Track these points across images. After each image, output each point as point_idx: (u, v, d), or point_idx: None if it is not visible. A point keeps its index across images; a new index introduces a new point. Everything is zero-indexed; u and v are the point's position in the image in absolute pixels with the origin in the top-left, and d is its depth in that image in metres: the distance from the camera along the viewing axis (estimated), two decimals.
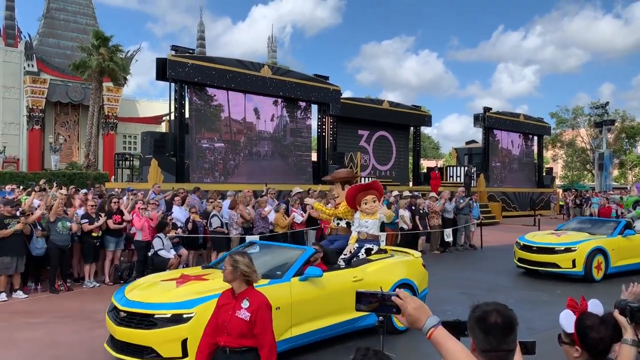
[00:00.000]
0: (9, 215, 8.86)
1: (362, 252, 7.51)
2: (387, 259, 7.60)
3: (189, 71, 18.64)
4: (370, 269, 7.16)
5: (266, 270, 6.24)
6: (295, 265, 6.38)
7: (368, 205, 7.56)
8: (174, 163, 18.42)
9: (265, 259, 6.89)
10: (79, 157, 34.18)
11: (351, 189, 7.80)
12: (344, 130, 26.23)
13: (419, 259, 8.02)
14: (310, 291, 6.26)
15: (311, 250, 6.73)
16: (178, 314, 5.31)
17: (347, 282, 6.70)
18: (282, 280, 6.12)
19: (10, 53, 33.02)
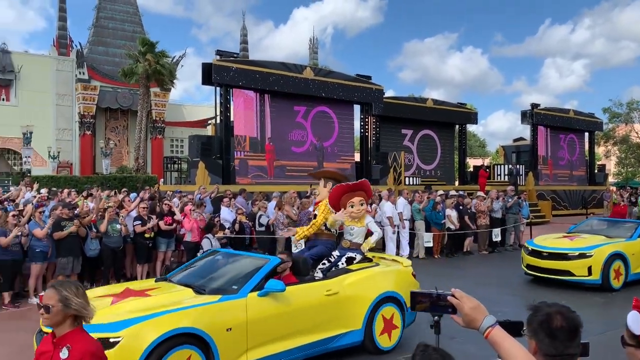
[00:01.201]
0: (66, 217, 9.21)
1: (342, 261, 6.66)
2: (370, 268, 6.67)
3: (233, 75, 19.00)
4: (348, 281, 6.25)
5: (221, 284, 5.72)
6: (254, 278, 5.57)
7: (355, 209, 6.69)
8: (220, 165, 18.77)
9: (224, 270, 6.26)
10: (129, 161, 35.22)
11: (337, 187, 6.88)
12: (387, 130, 26.04)
13: (409, 268, 7.11)
14: (272, 308, 5.47)
15: (276, 260, 5.91)
16: (104, 338, 4.50)
17: (318, 297, 5.91)
18: (237, 297, 5.34)
19: (62, 62, 34.37)
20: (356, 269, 6.54)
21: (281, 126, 21.14)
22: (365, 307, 6.19)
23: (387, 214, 13.85)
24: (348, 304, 6.08)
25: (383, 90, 24.03)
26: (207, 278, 5.99)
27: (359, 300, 6.19)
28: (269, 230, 11.98)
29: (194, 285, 5.62)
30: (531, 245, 11.04)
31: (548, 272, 10.50)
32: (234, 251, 6.91)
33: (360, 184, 6.88)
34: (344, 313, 6.05)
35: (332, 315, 5.95)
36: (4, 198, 11.42)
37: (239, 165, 19.81)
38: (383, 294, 6.36)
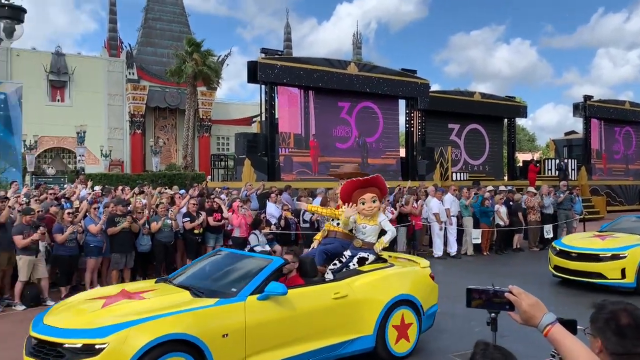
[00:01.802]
0: (121, 214, 9.51)
1: (354, 261, 6.29)
2: (383, 270, 6.25)
3: (278, 72, 19.16)
4: (358, 283, 5.86)
5: (220, 287, 5.41)
6: (254, 281, 5.25)
7: (366, 206, 6.24)
8: (265, 162, 18.98)
9: (226, 271, 5.96)
10: (177, 159, 36.06)
11: (347, 183, 6.44)
12: (433, 125, 25.64)
13: (426, 269, 6.68)
14: (274, 312, 5.14)
15: (279, 261, 5.59)
16: (89, 344, 4.32)
17: (325, 300, 5.55)
18: (235, 300, 5.02)
19: (113, 63, 35.49)
20: (368, 270, 6.14)
21: (325, 122, 21.16)
22: (377, 311, 5.81)
23: (433, 211, 13.66)
24: (358, 308, 5.72)
25: (429, 84, 23.69)
26: (207, 280, 5.76)
27: (371, 303, 5.80)
28: (313, 226, 12.02)
29: (192, 288, 5.33)
30: (559, 245, 10.27)
31: (577, 274, 9.71)
32: (238, 251, 6.45)
33: (372, 180, 6.44)
34: (353, 317, 5.69)
35: (340, 320, 5.61)
36: (60, 195, 11.89)
37: (283, 162, 19.96)
38: (397, 297, 5.96)
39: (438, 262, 13.12)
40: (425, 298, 6.33)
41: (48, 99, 33.58)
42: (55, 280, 9.39)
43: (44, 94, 33.07)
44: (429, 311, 6.43)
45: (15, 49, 31.40)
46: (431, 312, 6.50)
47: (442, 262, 13.21)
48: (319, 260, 6.34)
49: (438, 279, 11.24)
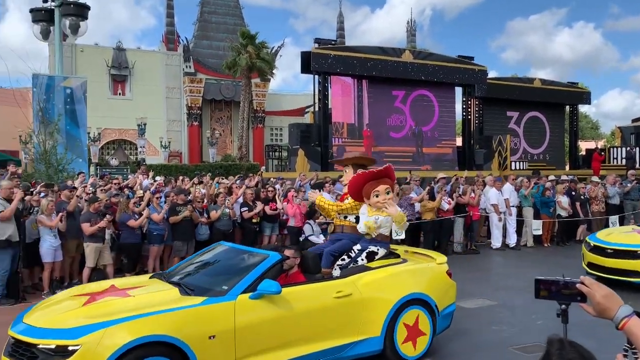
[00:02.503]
0: (182, 203, 9.79)
1: (362, 256, 5.74)
2: (395, 266, 5.75)
3: (331, 62, 19.17)
4: (364, 281, 5.38)
5: (211, 284, 5.02)
6: (246, 278, 4.84)
7: (380, 198, 5.67)
8: (318, 152, 19.07)
9: (221, 267, 5.60)
10: (232, 150, 36.80)
11: (357, 176, 5.83)
12: (491, 113, 24.96)
13: (443, 266, 6.11)
14: (268, 312, 4.76)
15: (275, 257, 5.13)
16: (62, 346, 4.06)
17: (326, 299, 5.12)
18: (224, 299, 4.65)
19: (171, 57, 36.49)
20: (376, 266, 5.64)
21: (379, 111, 21.00)
22: (385, 311, 5.33)
23: (492, 201, 13.31)
24: (364, 308, 5.28)
25: (486, 71, 23.07)
26: (201, 276, 5.42)
27: (378, 303, 5.35)
28: None
29: (184, 284, 5.01)
30: (594, 241, 9.37)
31: (613, 272, 8.73)
32: (238, 246, 6.02)
33: (385, 171, 5.87)
34: (358, 318, 5.26)
35: (343, 320, 5.19)
36: (123, 185, 12.37)
37: (336, 152, 19.97)
38: (408, 296, 5.47)
39: (496, 254, 12.82)
40: (441, 297, 5.80)
41: (110, 92, 34.94)
42: (120, 267, 9.79)
43: (106, 88, 34.44)
44: (445, 311, 5.91)
45: (79, 45, 32.79)
46: (447, 312, 5.98)
47: (500, 253, 12.89)
48: (326, 263, 5.86)
49: (496, 270, 11.07)
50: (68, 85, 15.89)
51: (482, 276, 10.30)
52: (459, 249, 12.68)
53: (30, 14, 16.16)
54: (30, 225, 8.58)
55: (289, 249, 5.70)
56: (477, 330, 6.76)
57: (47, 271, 8.56)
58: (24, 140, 23.23)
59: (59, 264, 8.78)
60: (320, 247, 6.22)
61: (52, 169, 13.86)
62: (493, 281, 9.83)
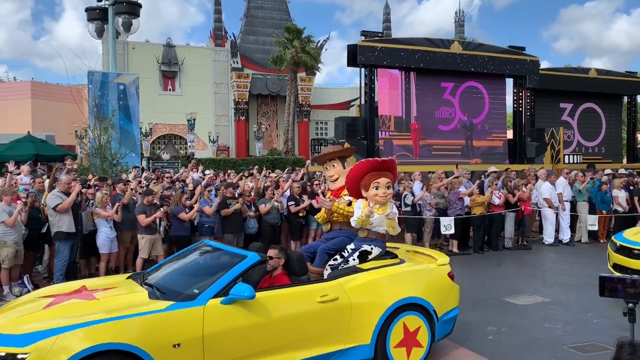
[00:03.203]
0: (231, 196, 9.96)
1: (354, 256, 5.32)
2: (389, 267, 5.31)
3: (378, 55, 19.02)
4: (353, 284, 4.98)
5: (182, 287, 4.66)
6: (220, 281, 4.50)
7: (380, 192, 5.20)
8: (365, 146, 18.97)
9: (198, 268, 5.24)
10: (278, 144, 37.16)
11: (362, 162, 5.32)
12: (543, 104, 24.14)
13: (444, 267, 5.61)
14: (241, 318, 4.40)
15: (253, 258, 4.73)
16: (12, 354, 3.79)
17: (309, 304, 4.74)
18: (192, 304, 4.31)
19: (219, 52, 37.10)
20: (368, 268, 5.22)
21: (427, 104, 20.68)
22: (376, 317, 4.95)
23: (544, 195, 12.92)
24: (352, 313, 4.90)
25: (538, 62, 22.35)
26: (177, 278, 5.09)
27: (368, 307, 4.96)
28: (415, 209, 11.84)
29: (156, 287, 4.73)
30: (620, 241, 8.55)
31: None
32: (221, 245, 5.53)
33: (389, 162, 5.39)
34: (345, 324, 4.87)
35: (328, 327, 4.81)
36: (175, 178, 12.69)
37: (383, 145, 19.82)
38: (402, 300, 5.06)
39: (549, 250, 12.46)
40: (440, 301, 5.38)
41: (160, 88, 35.86)
42: None
43: (156, 84, 35.36)
44: (446, 316, 5.45)
45: (131, 43, 33.78)
46: (449, 317, 5.51)
47: (553, 249, 12.52)
48: (320, 261, 5.47)
49: (549, 266, 10.75)
50: (121, 82, 16.40)
51: (534, 272, 10.04)
52: (510, 245, 12.39)
53: (86, 13, 16.74)
54: (87, 217, 8.91)
55: (273, 248, 5.35)
56: (529, 327, 6.59)
57: (103, 262, 8.89)
58: (80, 135, 24.16)
59: (115, 254, 9.10)
60: (315, 245, 5.87)
61: (107, 162, 14.37)
62: (546, 277, 9.56)
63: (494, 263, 10.94)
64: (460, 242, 12.16)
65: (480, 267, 10.53)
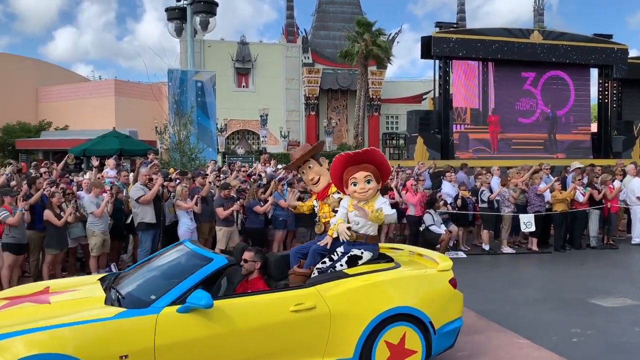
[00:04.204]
0: (302, 191, 10.04)
1: (342, 261, 4.83)
2: (377, 273, 4.75)
3: (453, 46, 18.61)
4: (335, 291, 4.49)
5: (141, 292, 4.33)
6: (178, 287, 4.16)
7: (358, 188, 4.76)
8: (438, 140, 18.61)
9: (163, 272, 4.80)
10: (348, 138, 37.13)
11: (336, 158, 4.90)
12: (632, 96, 22.67)
13: (445, 273, 5.01)
14: (200, 329, 4.02)
15: (220, 262, 4.39)
16: None
17: (281, 314, 4.30)
18: (145, 312, 3.97)
19: (290, 48, 37.54)
20: (354, 273, 4.69)
21: (506, 96, 19.93)
22: (359, 328, 4.46)
23: (637, 193, 12.12)
24: (332, 324, 4.42)
25: (627, 50, 20.95)
26: (142, 282, 4.70)
27: (351, 318, 4.47)
28: (493, 206, 11.44)
29: (118, 291, 4.44)
30: None
31: None
32: (195, 247, 4.95)
33: (365, 154, 4.88)
34: (323, 336, 4.41)
35: (302, 339, 4.36)
36: (249, 172, 12.97)
37: (458, 139, 19.33)
38: (392, 310, 4.53)
39: (637, 250, 11.68)
40: (438, 311, 4.79)
41: (234, 85, 36.78)
42: None
43: (231, 81, 36.29)
44: (445, 328, 4.85)
45: (206, 41, 34.83)
46: (449, 329, 4.90)
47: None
48: (310, 263, 5.04)
49: (638, 267, 10.06)
50: (199, 79, 16.97)
51: (621, 273, 9.46)
52: (594, 243, 11.72)
53: (166, 13, 17.44)
54: (168, 208, 9.28)
55: (249, 250, 5.01)
56: (618, 331, 6.20)
57: None
58: (160, 131, 25.26)
59: None
60: (308, 245, 5.36)
61: (186, 157, 14.92)
62: (635, 279, 8.98)
63: (577, 262, 10.40)
64: (541, 240, 11.64)
65: (562, 267, 10.05)
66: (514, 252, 11.33)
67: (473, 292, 8.03)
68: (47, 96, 49.03)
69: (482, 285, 8.51)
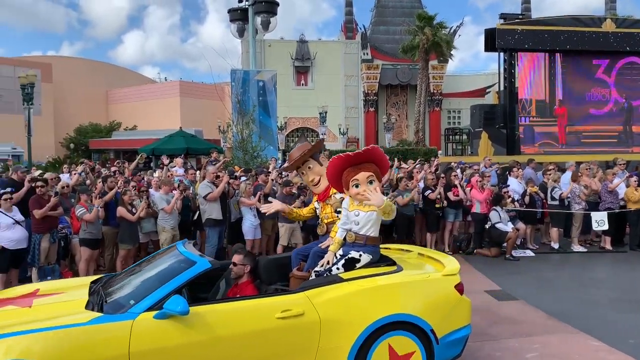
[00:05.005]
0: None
1: (339, 264, 4.56)
2: (377, 277, 4.45)
3: (518, 38, 18.02)
4: (325, 297, 4.20)
5: (123, 297, 4.17)
6: (157, 292, 3.99)
7: (360, 190, 4.50)
8: (504, 134, 18.09)
9: (151, 275, 4.56)
10: (408, 134, 36.73)
11: (333, 160, 4.65)
12: None
13: (450, 278, 4.64)
14: (177, 336, 3.83)
15: (203, 265, 4.19)
16: None
17: (265, 321, 4.05)
18: (120, 317, 3.82)
19: (349, 45, 37.54)
20: (350, 277, 4.40)
21: (576, 85, 18.98)
22: (352, 337, 4.15)
23: None
24: (322, 332, 4.15)
25: None
26: (127, 286, 4.54)
27: (344, 325, 4.18)
28: (563, 203, 11.00)
29: (103, 295, 4.29)
30: None
31: None
32: (184, 250, 4.65)
33: (366, 154, 4.63)
34: (312, 345, 4.13)
35: (289, 348, 4.11)
36: None
37: (523, 133, 18.68)
38: (388, 318, 4.21)
39: None
40: (442, 319, 4.43)
41: (294, 83, 37.22)
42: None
43: (290, 80, 36.74)
44: (450, 337, 4.48)
45: (267, 40, 35.39)
46: (455, 337, 4.53)
47: None
48: (310, 265, 4.85)
49: None
50: (260, 79, 17.29)
51: None
52: None
53: (228, 14, 17.86)
54: (233, 205, 9.52)
55: (239, 253, 4.82)
56: None
57: (248, 247, 9.43)
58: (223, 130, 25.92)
59: (259, 241, 9.61)
60: (311, 246, 5.21)
61: (249, 155, 15.23)
62: None
63: None
64: (615, 238, 11.08)
65: (638, 266, 9.53)
66: (586, 251, 10.86)
67: (542, 291, 7.80)
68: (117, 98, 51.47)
69: (552, 284, 8.23)
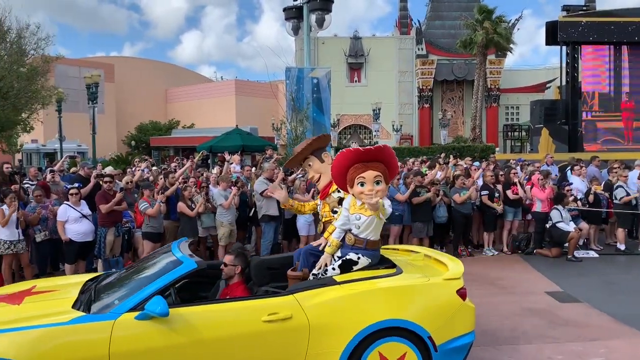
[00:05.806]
0: (420, 184, 9.91)
1: (335, 265, 4.37)
2: (373, 280, 4.24)
3: (582, 30, 17.34)
4: (315, 300, 4.04)
5: (107, 297, 4.14)
6: (140, 292, 3.94)
7: (366, 189, 4.20)
8: (565, 131, 17.46)
9: (140, 275, 4.49)
10: (464, 131, 35.97)
11: (342, 154, 4.37)
12: None
13: (452, 282, 4.39)
14: (158, 338, 3.76)
15: (189, 266, 4.09)
16: None
17: (250, 324, 3.93)
18: (102, 317, 3.78)
19: (404, 41, 37.13)
20: (344, 280, 4.21)
21: None
22: (343, 342, 3.99)
23: None
24: (311, 337, 4.00)
25: None
26: (117, 286, 4.48)
27: (334, 330, 4.02)
28: (630, 203, 10.49)
29: (92, 295, 4.27)
30: None
31: None
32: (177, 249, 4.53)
33: (377, 151, 4.32)
34: (301, 350, 4.00)
35: (275, 352, 3.99)
36: None
37: (585, 129, 17.92)
38: (381, 323, 4.02)
39: None
40: (441, 325, 4.21)
41: (347, 80, 37.16)
42: None
43: (344, 76, 36.70)
44: (451, 344, 4.25)
45: (320, 38, 35.51)
46: (456, 345, 4.29)
47: None
48: (305, 264, 4.67)
49: None
50: (315, 76, 17.34)
51: None
52: None
53: (283, 13, 18.02)
54: None
55: (230, 254, 4.75)
56: None
57: (302, 243, 9.51)
58: (276, 127, 26.25)
59: (312, 237, 9.68)
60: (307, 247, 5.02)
61: None
62: None
63: None
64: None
65: None
66: None
67: (606, 294, 7.50)
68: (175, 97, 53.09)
69: (618, 287, 7.88)
